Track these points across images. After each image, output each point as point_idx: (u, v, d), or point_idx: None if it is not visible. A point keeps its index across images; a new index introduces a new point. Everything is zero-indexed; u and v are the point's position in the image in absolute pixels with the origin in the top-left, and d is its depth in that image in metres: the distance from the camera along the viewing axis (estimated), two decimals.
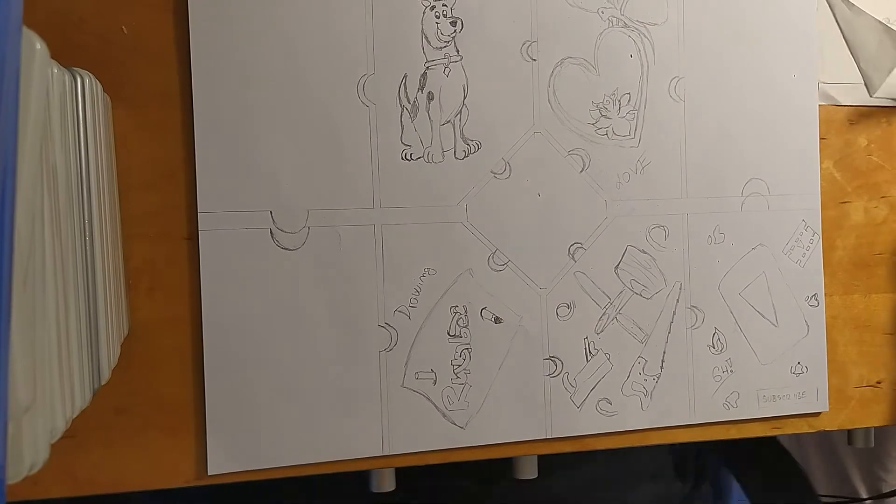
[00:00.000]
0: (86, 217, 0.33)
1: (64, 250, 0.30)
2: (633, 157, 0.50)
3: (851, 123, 0.56)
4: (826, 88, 0.54)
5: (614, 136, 0.50)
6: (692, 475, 0.63)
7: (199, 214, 0.44)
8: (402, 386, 0.47)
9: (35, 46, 0.25)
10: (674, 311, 0.51)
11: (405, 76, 0.46)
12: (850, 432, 0.60)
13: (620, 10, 0.49)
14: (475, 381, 0.48)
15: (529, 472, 0.50)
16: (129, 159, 0.43)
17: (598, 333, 0.50)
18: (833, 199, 0.55)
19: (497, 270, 0.48)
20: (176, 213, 0.44)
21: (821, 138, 0.54)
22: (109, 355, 0.37)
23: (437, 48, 0.47)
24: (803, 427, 0.53)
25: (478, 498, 0.56)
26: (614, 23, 0.49)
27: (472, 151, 0.48)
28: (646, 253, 0.51)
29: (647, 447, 0.52)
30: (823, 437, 1.10)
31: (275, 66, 0.45)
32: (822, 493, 0.71)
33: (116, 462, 0.43)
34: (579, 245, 0.49)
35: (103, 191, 0.37)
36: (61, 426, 0.29)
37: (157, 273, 0.44)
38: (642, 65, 0.50)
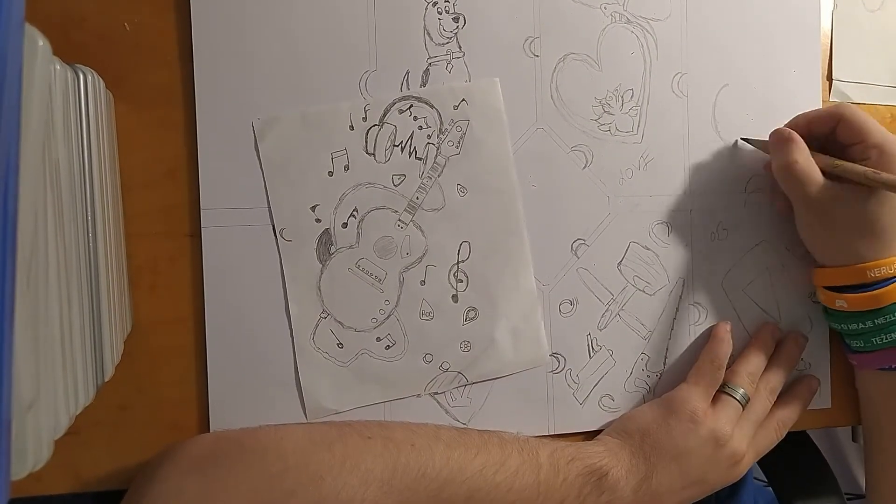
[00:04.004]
0: (89, 214, 0.33)
1: (67, 248, 0.30)
2: (636, 153, 0.50)
3: None
4: (840, 86, 0.54)
5: (617, 133, 0.50)
6: None
7: (201, 211, 0.44)
8: None
9: (37, 43, 0.25)
10: (677, 308, 0.51)
11: (407, 72, 0.46)
12: (853, 429, 0.60)
13: (623, 5, 0.49)
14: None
15: None
16: (132, 156, 0.43)
17: (600, 330, 0.50)
18: None
19: None
20: (178, 209, 0.44)
21: None
22: (112, 352, 0.37)
23: (439, 44, 0.47)
24: (807, 424, 0.53)
25: None
26: (617, 18, 0.49)
27: None
28: (649, 249, 0.51)
29: None
30: (827, 433, 1.10)
31: (277, 64, 0.45)
32: None
33: (120, 458, 0.43)
34: (582, 241, 0.49)
35: (106, 188, 0.37)
36: (64, 423, 0.29)
37: (159, 270, 0.44)
38: (645, 61, 0.50)
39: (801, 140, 0.47)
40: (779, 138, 0.47)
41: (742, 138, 0.51)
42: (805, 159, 0.46)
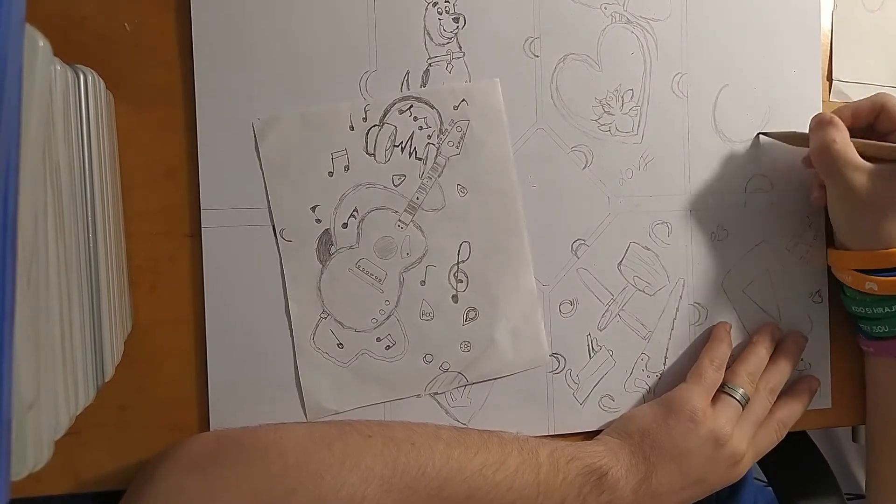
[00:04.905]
0: (89, 215, 0.33)
1: (67, 248, 0.30)
2: (636, 153, 0.50)
3: None
4: (840, 86, 0.54)
5: (617, 133, 0.50)
6: None
7: (201, 211, 0.44)
8: None
9: (38, 44, 0.25)
10: (677, 308, 0.51)
11: (407, 72, 0.46)
12: (853, 429, 0.60)
13: (623, 5, 0.49)
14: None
15: None
16: (132, 156, 0.43)
17: (600, 330, 0.50)
18: None
19: None
20: (179, 210, 0.44)
21: None
22: (113, 352, 0.37)
23: (439, 44, 0.47)
24: (807, 424, 0.53)
25: None
26: (617, 18, 0.49)
27: None
28: (649, 249, 0.51)
29: None
30: (827, 433, 1.10)
31: (277, 64, 0.45)
32: None
33: (120, 459, 0.43)
34: (582, 242, 0.49)
35: (106, 188, 0.37)
36: (65, 423, 0.29)
37: (160, 270, 0.44)
38: (645, 61, 0.50)
39: (842, 123, 0.46)
40: (819, 121, 0.47)
41: (761, 133, 0.51)
42: (843, 140, 0.46)
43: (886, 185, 0.46)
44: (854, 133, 0.47)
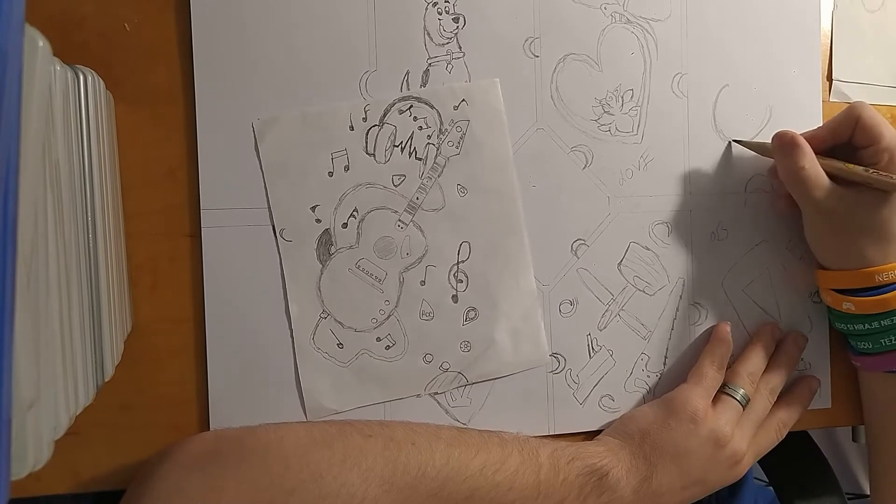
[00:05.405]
0: (89, 214, 0.33)
1: (67, 248, 0.30)
2: (636, 153, 0.50)
3: None
4: (840, 86, 0.54)
5: (617, 133, 0.50)
6: None
7: (201, 211, 0.44)
8: None
9: (37, 44, 0.25)
10: (677, 308, 0.51)
11: (407, 72, 0.46)
12: (854, 429, 0.60)
13: (623, 5, 0.49)
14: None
15: None
16: (132, 156, 0.43)
17: (600, 330, 0.50)
18: None
19: None
20: (178, 210, 0.44)
21: None
22: (113, 352, 0.37)
23: (439, 45, 0.47)
24: (807, 424, 0.53)
25: None
26: (617, 19, 0.49)
27: None
28: (649, 249, 0.51)
29: None
30: (827, 433, 1.10)
31: (277, 64, 0.45)
32: None
33: (120, 459, 0.43)
34: (582, 241, 0.49)
35: (106, 188, 0.37)
36: (65, 423, 0.29)
37: (160, 270, 0.44)
38: (645, 61, 0.50)
39: (806, 143, 0.46)
40: (782, 142, 0.47)
41: (734, 140, 0.51)
42: (811, 163, 0.46)
43: (855, 207, 0.46)
44: (833, 148, 0.48)
